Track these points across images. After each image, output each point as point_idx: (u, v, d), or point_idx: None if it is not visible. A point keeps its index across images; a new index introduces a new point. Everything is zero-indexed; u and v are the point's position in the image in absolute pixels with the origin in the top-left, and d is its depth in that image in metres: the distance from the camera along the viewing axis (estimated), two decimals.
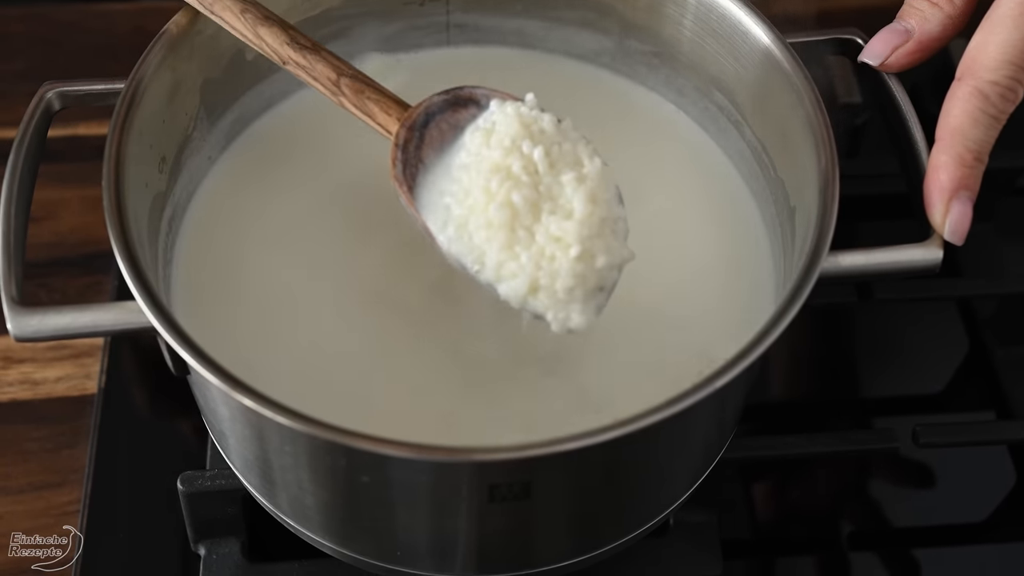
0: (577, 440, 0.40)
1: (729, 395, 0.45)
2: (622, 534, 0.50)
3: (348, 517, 0.47)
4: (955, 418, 0.62)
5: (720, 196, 0.55)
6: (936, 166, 0.47)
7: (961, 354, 0.64)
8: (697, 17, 0.54)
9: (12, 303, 0.44)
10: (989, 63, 0.47)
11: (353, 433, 0.41)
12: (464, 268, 0.46)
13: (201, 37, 0.51)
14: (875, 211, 0.67)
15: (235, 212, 0.54)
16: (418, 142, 0.48)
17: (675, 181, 0.56)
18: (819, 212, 0.46)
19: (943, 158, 0.47)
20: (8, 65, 0.75)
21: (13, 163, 0.48)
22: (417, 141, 0.48)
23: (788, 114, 0.50)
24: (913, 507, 0.60)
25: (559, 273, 0.44)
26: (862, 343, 0.66)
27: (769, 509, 0.59)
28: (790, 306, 0.44)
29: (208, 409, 0.48)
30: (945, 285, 0.63)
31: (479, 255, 0.45)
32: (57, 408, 0.61)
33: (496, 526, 0.46)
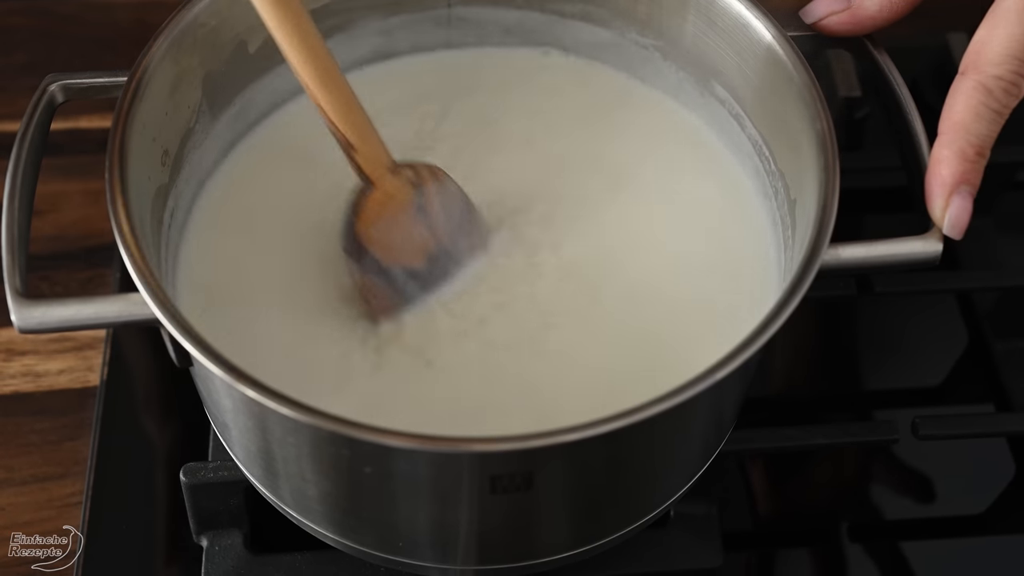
0: (579, 431, 0.40)
1: (729, 387, 0.46)
2: (623, 525, 0.50)
3: (350, 508, 0.48)
4: (954, 410, 0.62)
5: (721, 189, 0.56)
6: (938, 160, 0.47)
7: (960, 347, 0.64)
8: (698, 11, 0.54)
9: (16, 295, 0.45)
10: (993, 58, 0.47)
11: (355, 423, 0.41)
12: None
13: (204, 30, 0.51)
14: (875, 205, 0.68)
15: (242, 211, 0.54)
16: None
17: (675, 175, 0.56)
18: (819, 205, 0.46)
19: (945, 152, 0.47)
20: (9, 58, 0.74)
21: (16, 156, 0.48)
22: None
23: (789, 107, 0.50)
24: (912, 500, 0.60)
25: None
26: (862, 336, 0.66)
27: (769, 501, 0.60)
28: (791, 298, 0.44)
29: (211, 401, 0.49)
30: (945, 278, 0.63)
31: None
32: (59, 400, 0.61)
33: (498, 517, 0.46)
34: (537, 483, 0.44)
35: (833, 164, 0.47)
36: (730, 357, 0.42)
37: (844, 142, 0.66)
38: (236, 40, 0.53)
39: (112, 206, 0.45)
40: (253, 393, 0.41)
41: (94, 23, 0.76)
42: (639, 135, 0.57)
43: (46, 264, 0.66)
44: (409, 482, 0.44)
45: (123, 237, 0.44)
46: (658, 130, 0.58)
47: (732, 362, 0.42)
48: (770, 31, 0.51)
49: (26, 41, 0.76)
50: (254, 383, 0.42)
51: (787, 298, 0.44)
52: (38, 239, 0.67)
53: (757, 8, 0.52)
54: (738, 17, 0.52)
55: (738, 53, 0.53)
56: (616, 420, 0.41)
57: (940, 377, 0.64)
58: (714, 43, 0.54)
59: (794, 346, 0.65)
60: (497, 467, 0.43)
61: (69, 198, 0.68)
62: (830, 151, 0.47)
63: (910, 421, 0.57)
